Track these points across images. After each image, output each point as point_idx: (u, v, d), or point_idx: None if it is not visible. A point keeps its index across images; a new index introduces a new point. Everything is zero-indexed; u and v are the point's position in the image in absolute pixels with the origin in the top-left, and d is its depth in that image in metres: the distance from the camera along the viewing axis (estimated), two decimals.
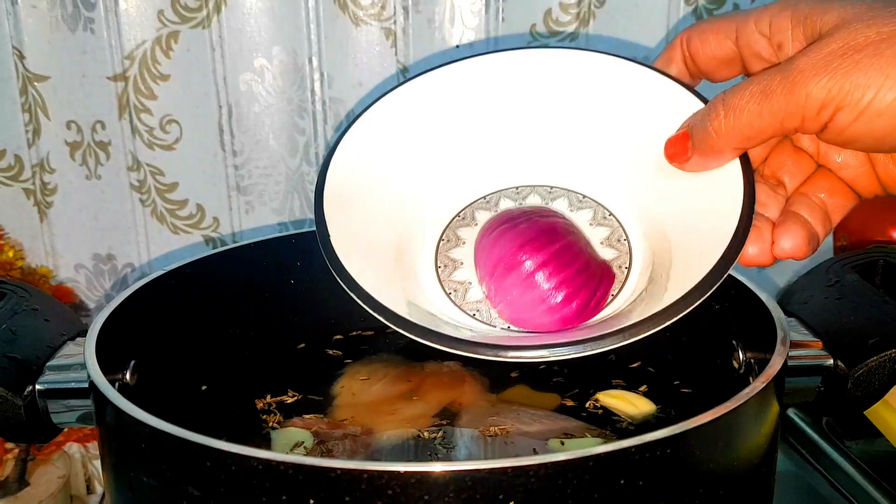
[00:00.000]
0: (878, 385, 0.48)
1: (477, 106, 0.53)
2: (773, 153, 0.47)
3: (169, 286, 0.56)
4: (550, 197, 0.52)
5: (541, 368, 0.58)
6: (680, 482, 0.38)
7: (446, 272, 0.51)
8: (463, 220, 0.53)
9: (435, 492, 0.35)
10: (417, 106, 0.53)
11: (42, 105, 0.82)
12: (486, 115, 0.53)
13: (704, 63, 0.48)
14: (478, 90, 0.53)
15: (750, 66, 0.46)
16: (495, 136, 0.53)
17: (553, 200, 0.52)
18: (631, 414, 0.53)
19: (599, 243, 0.50)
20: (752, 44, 0.45)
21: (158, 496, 0.40)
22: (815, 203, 0.45)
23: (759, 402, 0.41)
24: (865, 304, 0.52)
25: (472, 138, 0.53)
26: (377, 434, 0.51)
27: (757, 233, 0.43)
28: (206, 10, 0.79)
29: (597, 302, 0.47)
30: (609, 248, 0.50)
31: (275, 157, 0.84)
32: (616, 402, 0.54)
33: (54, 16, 0.79)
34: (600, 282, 0.47)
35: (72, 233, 0.86)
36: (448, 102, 0.53)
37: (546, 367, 0.58)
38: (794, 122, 0.39)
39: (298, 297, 0.63)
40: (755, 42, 0.44)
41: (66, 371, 0.48)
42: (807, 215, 0.44)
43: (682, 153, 0.45)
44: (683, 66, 0.49)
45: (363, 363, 0.60)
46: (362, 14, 0.80)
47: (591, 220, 0.51)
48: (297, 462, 0.35)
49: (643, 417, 0.53)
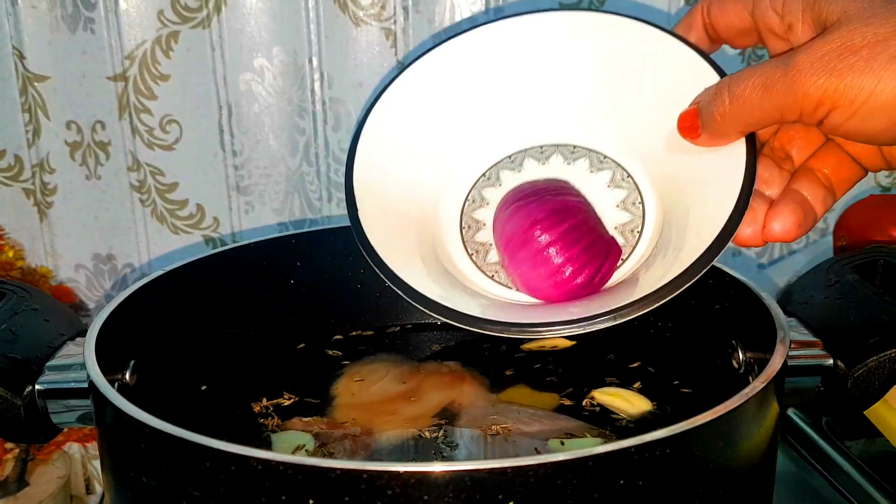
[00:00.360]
0: (877, 385, 0.48)
1: (501, 68, 0.54)
2: (782, 126, 0.48)
3: (169, 286, 0.56)
4: (573, 157, 0.53)
5: (536, 368, 0.58)
6: (680, 482, 0.38)
7: (470, 233, 0.54)
8: (488, 180, 0.54)
9: (434, 492, 0.35)
10: (440, 75, 0.54)
11: (42, 105, 0.82)
12: (510, 78, 0.54)
13: (723, 31, 0.49)
14: (500, 53, 0.54)
15: (765, 40, 0.47)
16: (519, 97, 0.54)
17: (575, 160, 0.53)
18: (628, 411, 0.53)
19: (615, 206, 0.52)
20: (767, 20, 0.46)
21: (158, 496, 0.40)
22: (818, 179, 0.46)
23: (759, 402, 0.41)
24: (865, 304, 0.52)
25: (496, 100, 0.54)
26: (377, 434, 0.51)
27: (751, 215, 0.45)
28: (206, 10, 0.79)
29: (601, 277, 0.50)
30: (623, 211, 0.51)
31: (275, 157, 0.84)
32: (613, 399, 0.55)
33: (54, 16, 0.79)
34: (605, 258, 0.50)
35: (72, 233, 0.86)
36: (472, 68, 0.54)
37: (542, 366, 0.58)
38: (792, 116, 0.41)
39: (298, 298, 0.63)
40: (769, 18, 0.45)
41: (65, 371, 0.48)
42: (807, 193, 0.45)
43: (693, 130, 0.46)
44: (704, 33, 0.50)
45: (363, 363, 0.60)
46: (362, 14, 0.80)
47: (609, 181, 0.52)
48: (297, 462, 0.35)
49: (640, 414, 0.53)
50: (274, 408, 0.54)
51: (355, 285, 0.64)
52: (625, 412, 0.53)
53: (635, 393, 0.55)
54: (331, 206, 0.86)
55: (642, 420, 0.52)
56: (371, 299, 0.63)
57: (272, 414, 0.53)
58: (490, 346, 0.60)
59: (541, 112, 0.54)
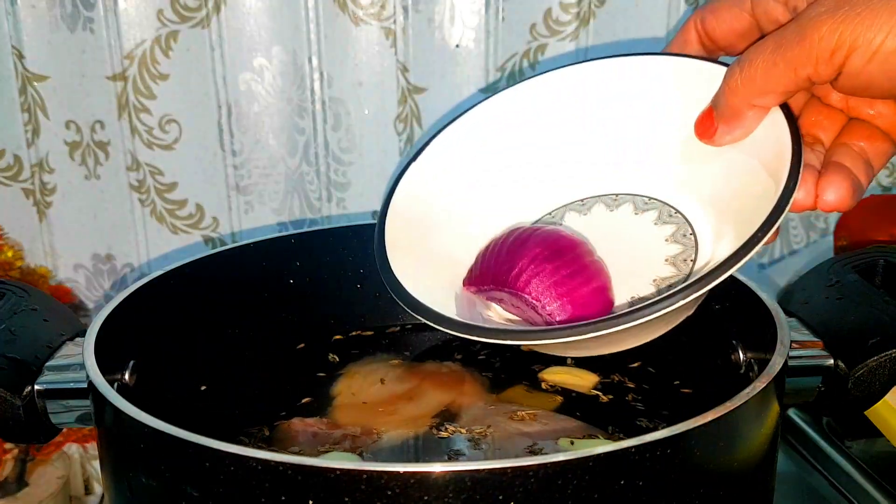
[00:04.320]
0: (878, 385, 0.48)
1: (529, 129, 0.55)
2: (804, 112, 0.47)
3: (168, 286, 0.56)
4: (615, 204, 0.53)
5: (535, 368, 0.58)
6: (680, 482, 0.38)
7: None
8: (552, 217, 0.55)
9: (434, 492, 0.35)
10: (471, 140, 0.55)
11: (41, 105, 0.82)
12: (539, 136, 0.55)
13: (723, 38, 0.48)
14: (525, 116, 0.55)
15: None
16: (551, 154, 0.55)
17: (618, 207, 0.53)
18: (582, 385, 0.56)
19: (664, 240, 0.51)
20: (769, 11, 0.45)
21: (157, 497, 0.40)
22: (855, 151, 0.44)
23: (760, 402, 0.41)
24: (866, 305, 0.52)
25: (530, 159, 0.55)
26: (377, 434, 0.51)
27: (804, 187, 0.43)
28: (205, 9, 0.79)
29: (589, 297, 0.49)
30: (674, 244, 0.51)
31: (274, 157, 0.84)
32: (563, 377, 0.57)
33: (54, 15, 0.79)
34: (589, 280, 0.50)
35: (71, 233, 0.86)
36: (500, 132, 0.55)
37: (541, 367, 0.58)
38: (807, 69, 0.39)
39: (298, 298, 0.63)
40: (771, 9, 0.45)
41: (64, 371, 0.48)
42: (849, 164, 0.44)
43: (708, 127, 0.46)
44: (700, 47, 0.49)
45: (363, 364, 0.59)
46: (362, 14, 0.80)
47: (655, 219, 0.52)
48: (297, 462, 0.35)
49: (592, 386, 0.56)
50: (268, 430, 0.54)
51: (355, 285, 0.64)
52: (579, 387, 0.56)
53: (580, 369, 0.57)
54: (330, 206, 0.86)
55: (594, 396, 0.52)
56: (371, 299, 0.63)
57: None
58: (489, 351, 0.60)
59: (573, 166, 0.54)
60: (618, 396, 0.55)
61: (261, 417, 0.53)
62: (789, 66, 0.40)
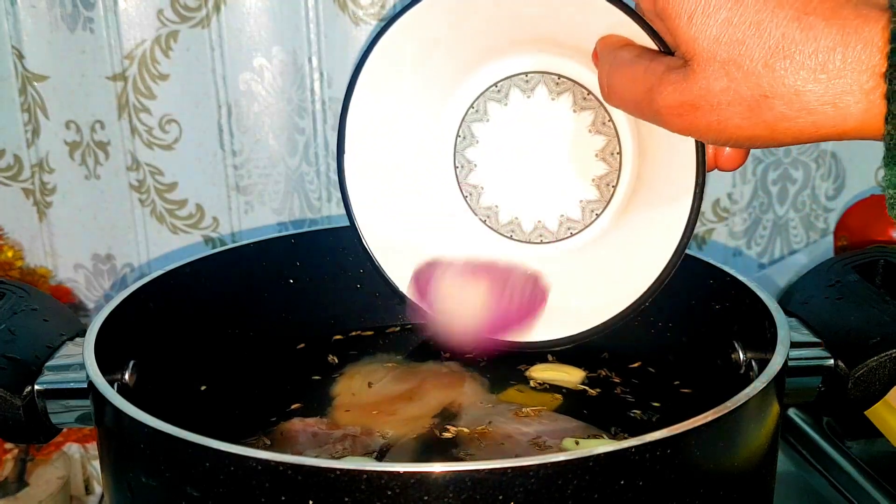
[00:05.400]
0: (878, 385, 0.48)
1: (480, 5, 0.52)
2: None
3: (168, 286, 0.56)
4: (557, 90, 0.52)
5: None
6: (680, 482, 0.38)
7: (462, 173, 0.54)
8: (476, 112, 0.54)
9: (434, 492, 0.35)
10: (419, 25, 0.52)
11: (41, 105, 0.81)
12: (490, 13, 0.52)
13: None
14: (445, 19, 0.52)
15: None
16: (501, 28, 0.52)
17: (560, 94, 0.52)
18: (569, 381, 0.57)
19: (594, 155, 0.51)
20: None
21: (157, 497, 0.40)
22: None
23: (760, 402, 0.41)
24: (866, 305, 0.52)
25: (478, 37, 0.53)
26: (377, 434, 0.51)
27: None
28: (205, 9, 0.79)
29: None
30: (601, 162, 0.51)
31: (274, 157, 0.84)
32: (551, 374, 0.57)
33: (53, 15, 0.79)
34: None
35: (71, 233, 0.86)
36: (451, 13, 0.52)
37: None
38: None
39: (298, 298, 0.63)
40: None
41: (65, 371, 0.48)
42: None
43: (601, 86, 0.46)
44: None
45: (363, 364, 0.59)
46: (362, 13, 0.80)
47: (590, 125, 0.51)
48: (297, 462, 0.35)
49: (579, 382, 0.57)
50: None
51: (355, 285, 0.64)
52: (567, 382, 0.56)
53: (567, 365, 0.58)
54: (330, 206, 0.86)
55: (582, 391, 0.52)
56: (371, 299, 0.63)
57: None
58: None
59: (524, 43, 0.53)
60: (605, 390, 0.55)
61: (261, 417, 0.53)
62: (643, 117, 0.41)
